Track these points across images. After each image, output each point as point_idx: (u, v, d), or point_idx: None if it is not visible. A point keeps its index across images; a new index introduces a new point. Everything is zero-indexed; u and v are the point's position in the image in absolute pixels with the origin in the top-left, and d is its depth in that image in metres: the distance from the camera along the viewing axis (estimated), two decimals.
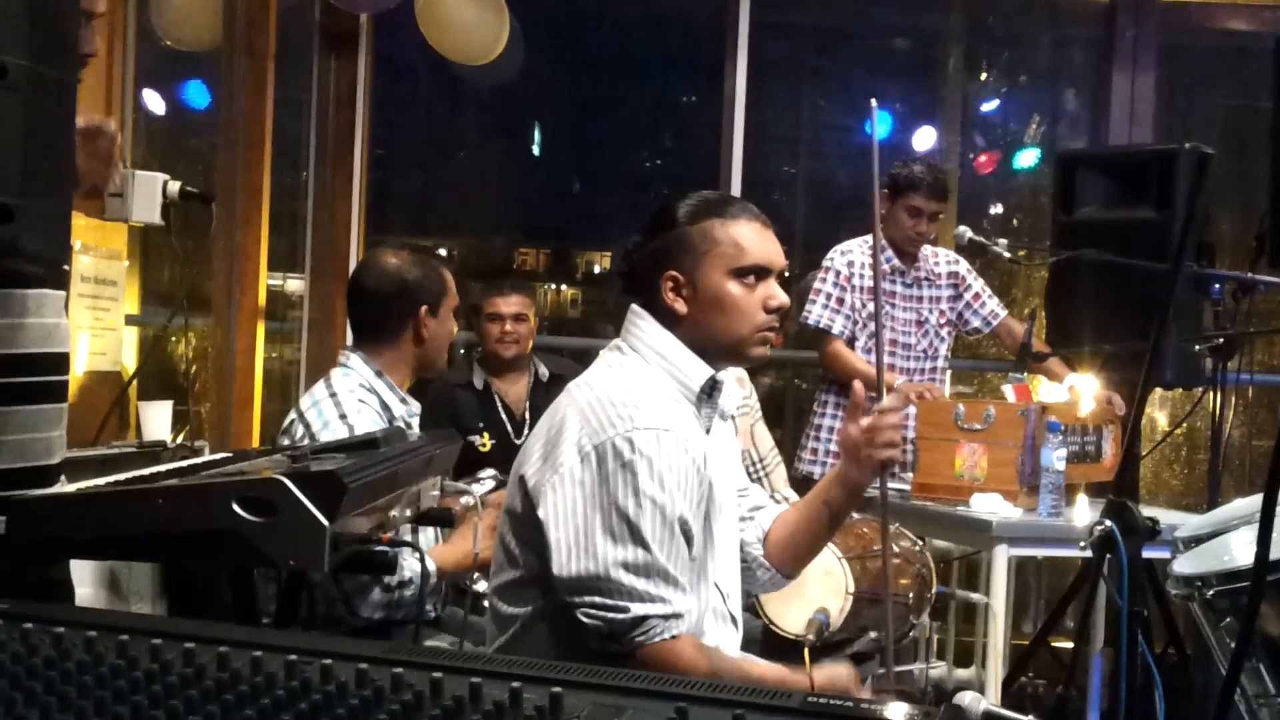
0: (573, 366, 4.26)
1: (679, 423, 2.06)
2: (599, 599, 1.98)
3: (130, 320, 4.45)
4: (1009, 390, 4.12)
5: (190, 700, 1.01)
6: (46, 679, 1.04)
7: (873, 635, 3.32)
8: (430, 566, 2.70)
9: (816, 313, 4.51)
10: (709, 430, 2.19)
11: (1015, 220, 6.44)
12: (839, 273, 4.52)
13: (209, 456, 2.34)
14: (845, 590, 3.24)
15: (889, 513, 3.73)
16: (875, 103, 2.34)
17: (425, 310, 2.92)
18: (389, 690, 1.04)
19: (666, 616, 1.99)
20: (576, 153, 6.86)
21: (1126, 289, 4.11)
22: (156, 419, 3.91)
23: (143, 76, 4.78)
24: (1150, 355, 2.41)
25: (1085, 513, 3.80)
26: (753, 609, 3.20)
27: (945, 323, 4.65)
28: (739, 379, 3.74)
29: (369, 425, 2.75)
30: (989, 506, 3.70)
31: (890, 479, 2.29)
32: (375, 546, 1.85)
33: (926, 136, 5.96)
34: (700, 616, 2.12)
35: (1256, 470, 5.57)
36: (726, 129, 5.57)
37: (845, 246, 4.59)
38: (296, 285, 5.55)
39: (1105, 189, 4.53)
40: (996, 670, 3.74)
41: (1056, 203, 4.67)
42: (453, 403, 4.37)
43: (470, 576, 2.75)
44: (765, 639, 3.22)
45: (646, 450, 1.99)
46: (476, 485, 2.58)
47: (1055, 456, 3.61)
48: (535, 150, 6.86)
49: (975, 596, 4.24)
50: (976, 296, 4.67)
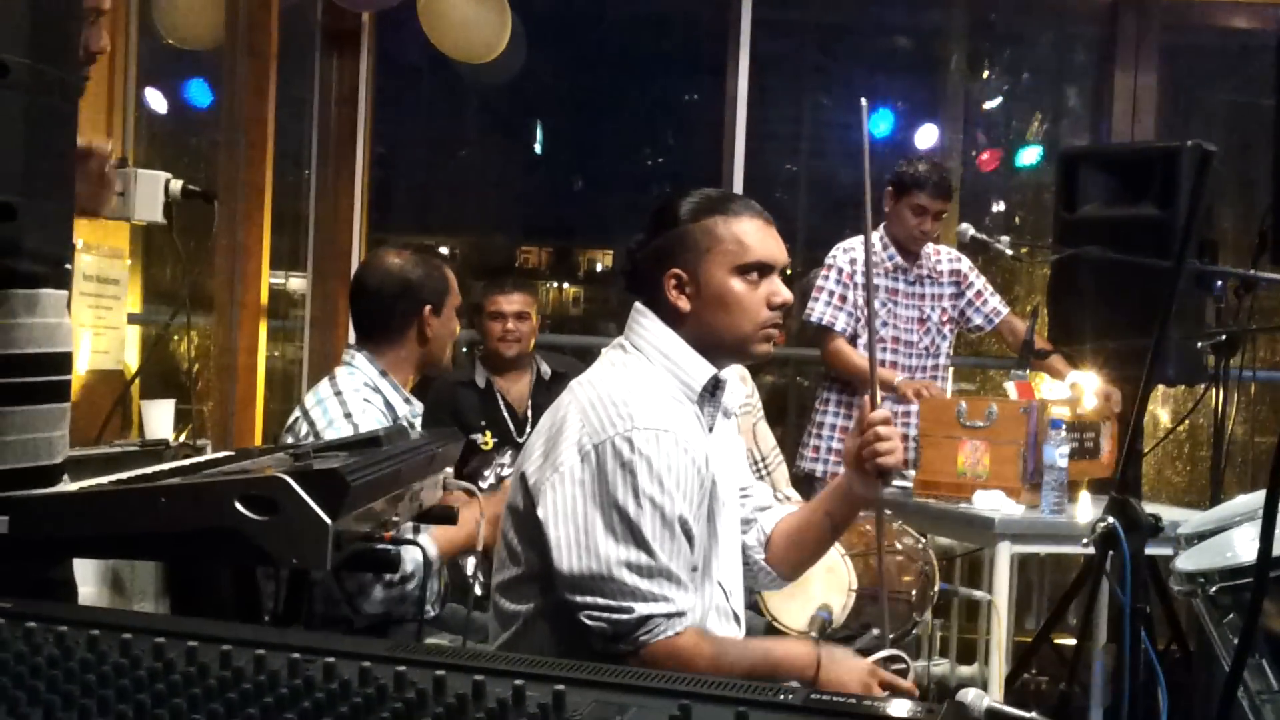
0: (575, 365, 4.26)
1: (679, 423, 2.06)
2: (602, 600, 1.98)
3: (132, 319, 4.45)
4: (1011, 387, 4.12)
5: (193, 698, 1.02)
6: (50, 678, 1.04)
7: (875, 632, 3.31)
8: (432, 552, 2.70)
9: (819, 310, 4.51)
10: (712, 429, 2.19)
11: (1017, 218, 6.43)
12: (842, 270, 4.52)
13: (211, 455, 2.34)
14: (848, 587, 3.24)
15: (893, 510, 3.75)
16: (865, 102, 2.34)
17: (429, 309, 2.92)
18: (392, 688, 1.04)
19: (670, 615, 1.99)
20: (578, 151, 6.85)
21: (1129, 286, 4.10)
22: (159, 418, 3.91)
23: (145, 75, 4.78)
24: (1152, 352, 2.41)
25: (1088, 510, 3.80)
26: (756, 606, 3.20)
27: (947, 320, 4.65)
28: (741, 377, 3.74)
29: (373, 424, 2.75)
30: (991, 504, 3.69)
31: (894, 477, 2.29)
32: (377, 545, 1.85)
33: (929, 134, 5.97)
34: (704, 614, 2.12)
35: (1259, 467, 5.56)
36: (728, 127, 5.57)
37: (848, 244, 4.59)
38: (299, 284, 5.55)
39: (1107, 186, 4.52)
40: (999, 667, 3.74)
41: (1059, 200, 4.66)
42: (455, 401, 4.37)
43: (474, 576, 2.75)
44: (768, 635, 3.22)
45: (646, 450, 1.99)
46: (504, 456, 2.59)
47: (1058, 454, 3.60)
48: (537, 148, 6.86)
49: (978, 594, 4.24)
50: (979, 294, 4.67)
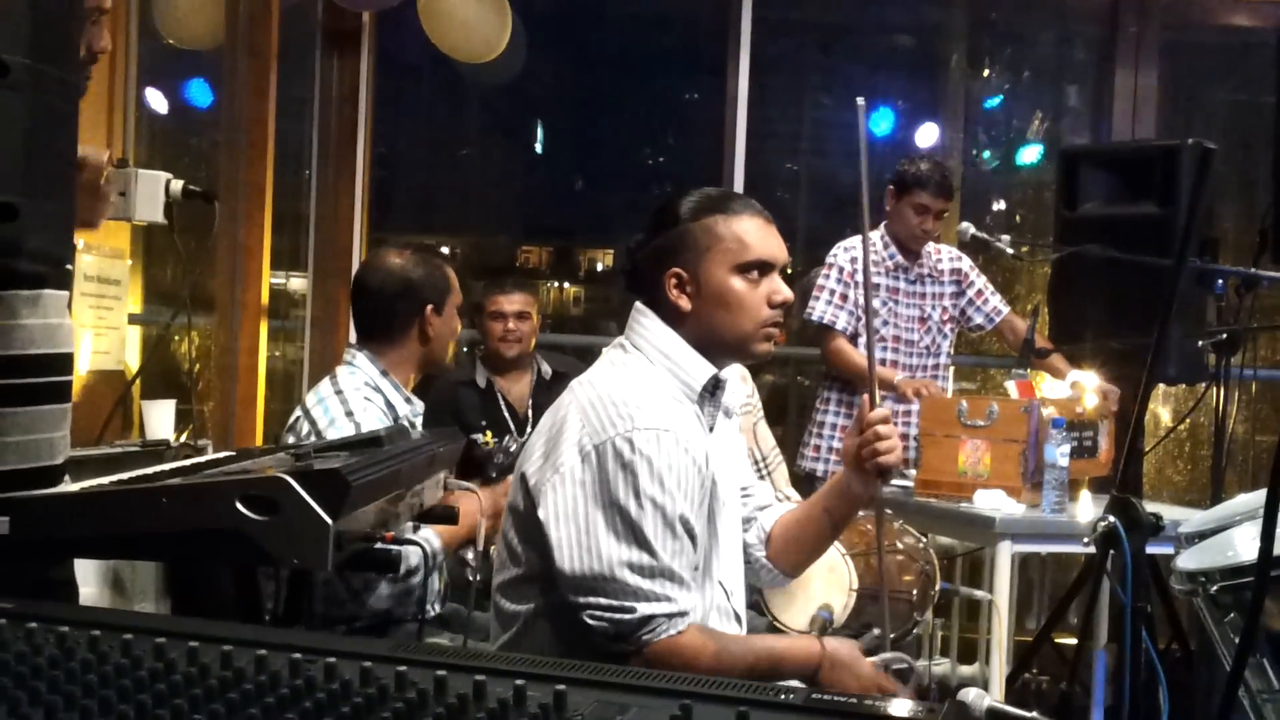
0: (575, 364, 4.26)
1: (679, 422, 2.06)
2: (604, 600, 1.98)
3: (133, 319, 4.45)
4: (1012, 386, 4.12)
5: (194, 699, 1.02)
6: (51, 678, 1.04)
7: (876, 632, 3.31)
8: (435, 545, 2.70)
9: (820, 309, 4.51)
10: (713, 428, 2.19)
11: (1018, 216, 6.44)
12: (842, 269, 4.52)
13: (212, 455, 2.35)
14: (849, 587, 3.24)
15: (893, 510, 3.75)
16: (862, 102, 2.33)
17: (430, 309, 2.91)
18: (393, 688, 1.04)
19: (672, 615, 1.99)
20: (579, 150, 6.85)
21: (1129, 285, 4.10)
22: (160, 418, 3.90)
23: (145, 75, 4.78)
24: (1153, 351, 2.41)
25: (1088, 509, 3.80)
26: (757, 606, 3.20)
27: (948, 319, 4.65)
28: (742, 377, 3.74)
29: (374, 422, 2.75)
30: (992, 503, 3.70)
31: (893, 475, 2.29)
32: (378, 545, 1.85)
33: (929, 133, 5.96)
34: (705, 614, 2.12)
35: (1260, 466, 5.56)
36: (729, 126, 5.57)
37: (848, 243, 4.59)
38: (299, 284, 5.55)
39: (1108, 185, 4.52)
40: (1000, 666, 3.74)
41: (1059, 199, 4.66)
42: (456, 401, 4.37)
43: (474, 571, 2.75)
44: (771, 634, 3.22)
45: (646, 450, 1.99)
46: (513, 446, 2.60)
47: (1059, 453, 3.60)
48: (538, 148, 6.86)
49: (979, 593, 4.24)
50: (979, 293, 4.67)
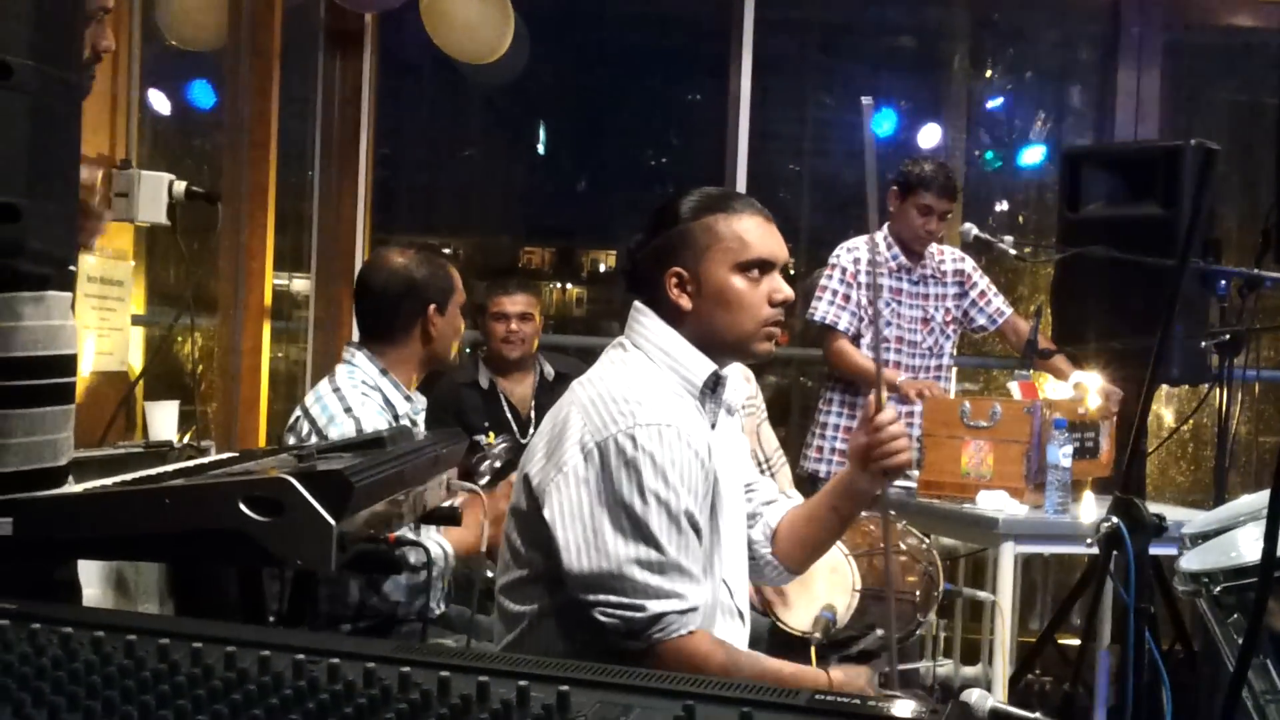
0: (578, 365, 4.26)
1: (682, 417, 2.06)
2: (615, 597, 1.98)
3: (136, 320, 4.45)
4: (1015, 387, 4.12)
5: (198, 700, 1.02)
6: (54, 679, 1.04)
7: (879, 632, 3.32)
8: (448, 548, 2.71)
9: (822, 309, 4.51)
10: (714, 425, 2.19)
11: (1021, 217, 6.43)
12: (845, 270, 4.52)
13: (215, 456, 2.35)
14: (852, 587, 3.24)
15: (896, 510, 3.75)
16: (868, 101, 2.33)
17: (433, 309, 2.91)
18: (396, 689, 1.04)
19: (683, 612, 1.99)
20: (581, 151, 6.85)
21: (1132, 286, 4.10)
22: (163, 419, 3.91)
23: (148, 76, 4.78)
24: (1156, 352, 2.41)
25: (1091, 510, 3.80)
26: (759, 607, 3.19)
27: (951, 320, 4.65)
28: (745, 377, 3.74)
29: (373, 416, 2.75)
30: (995, 504, 3.69)
31: (892, 481, 2.29)
32: (381, 545, 1.85)
33: (931, 134, 5.96)
34: (709, 611, 2.12)
35: (1263, 466, 5.56)
36: (731, 127, 5.57)
37: (851, 244, 4.59)
38: (302, 285, 5.56)
39: (1111, 186, 4.51)
40: (1003, 667, 3.74)
41: (1062, 199, 4.66)
42: (458, 402, 4.37)
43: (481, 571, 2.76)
44: (772, 636, 3.22)
45: (649, 446, 1.99)
46: (497, 447, 2.59)
47: (1061, 454, 3.60)
48: (540, 149, 6.86)
49: (982, 594, 4.24)
50: (982, 294, 4.67)
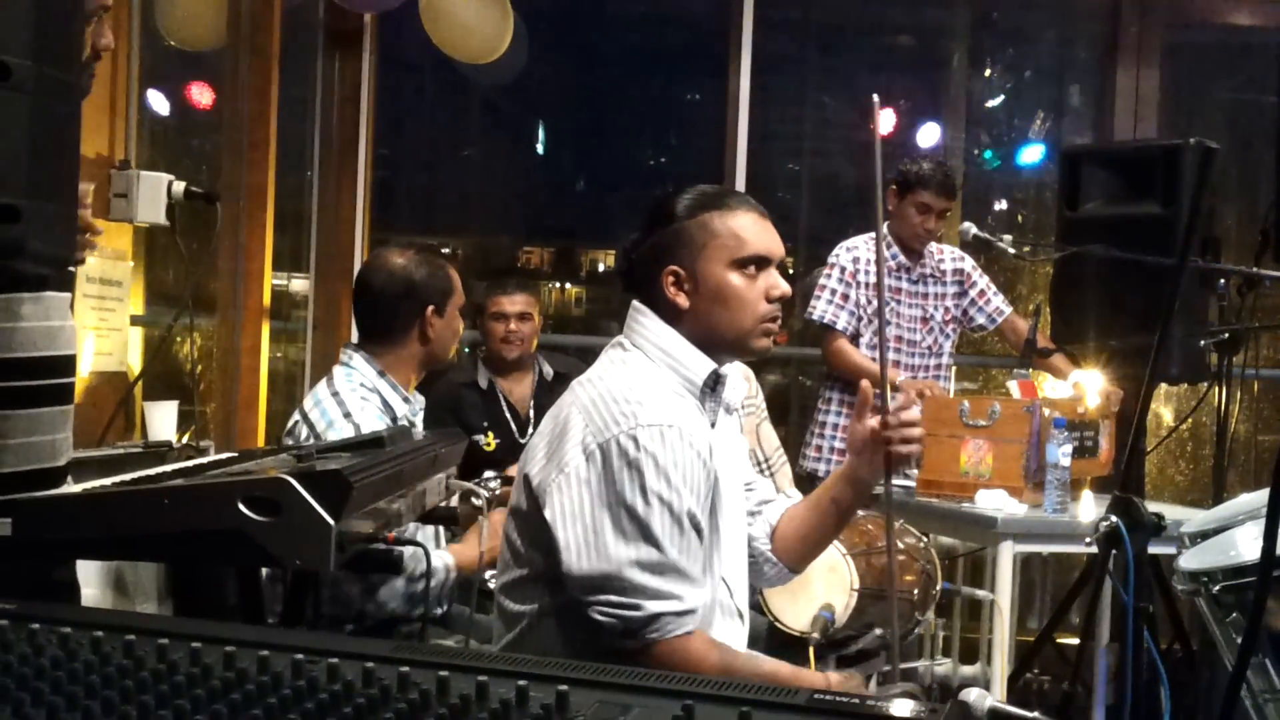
0: (577, 365, 4.26)
1: (683, 417, 2.06)
2: (613, 597, 1.98)
3: (135, 321, 4.44)
4: (1014, 386, 4.12)
5: (197, 700, 1.02)
6: (54, 679, 1.04)
7: (878, 632, 3.32)
8: (450, 561, 2.71)
9: (821, 308, 4.52)
10: (714, 424, 2.19)
11: (1020, 216, 6.43)
12: (844, 269, 4.53)
13: (214, 456, 2.35)
14: (850, 587, 3.24)
15: (894, 509, 3.75)
16: (876, 99, 2.33)
17: (431, 310, 2.90)
18: (395, 689, 1.05)
19: (680, 613, 1.99)
20: (581, 151, 6.85)
21: (1131, 284, 4.10)
22: (162, 419, 3.91)
23: (147, 76, 4.77)
24: (1155, 350, 2.41)
25: (1090, 509, 3.80)
26: (757, 606, 3.19)
27: (950, 319, 4.66)
28: (745, 377, 3.74)
29: (373, 420, 2.75)
30: (994, 503, 3.69)
31: (895, 475, 2.29)
32: (380, 545, 1.85)
33: (930, 133, 5.96)
34: (708, 611, 2.12)
35: (1262, 465, 5.55)
36: (731, 126, 5.57)
37: (850, 243, 4.59)
38: (301, 285, 5.55)
39: (1110, 184, 4.51)
40: (1002, 666, 3.74)
41: (1061, 198, 4.66)
42: (458, 402, 4.37)
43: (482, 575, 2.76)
44: (770, 636, 3.22)
45: (651, 447, 1.99)
46: (483, 488, 2.58)
47: (1060, 453, 3.60)
48: (539, 148, 6.86)
49: (980, 593, 4.24)
50: (981, 293, 4.67)
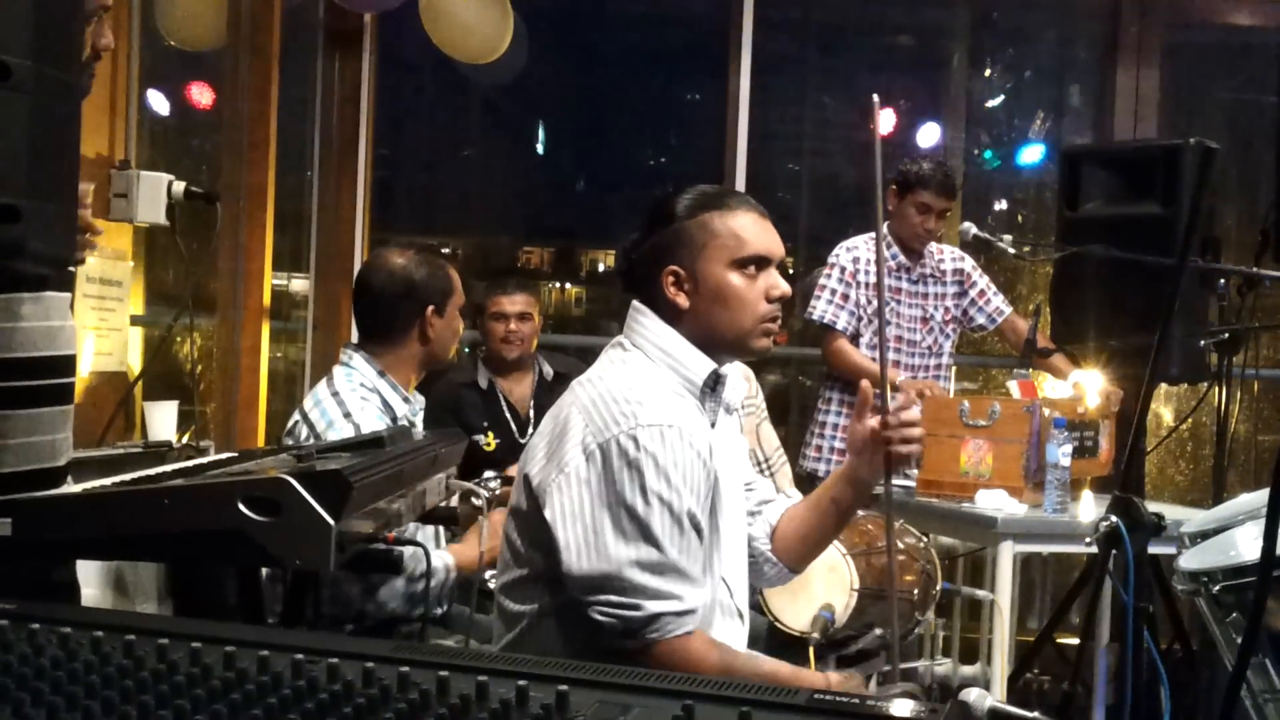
0: (577, 365, 4.26)
1: (683, 417, 2.06)
2: (613, 597, 1.98)
3: (135, 321, 4.44)
4: (1014, 386, 4.12)
5: (197, 700, 1.02)
6: (53, 679, 1.04)
7: (878, 632, 3.32)
8: (450, 561, 2.71)
9: (821, 308, 4.52)
10: (714, 424, 2.19)
11: (1020, 216, 6.43)
12: (844, 269, 4.53)
13: (214, 456, 2.35)
14: (850, 587, 3.24)
15: (894, 509, 3.75)
16: (877, 99, 2.33)
17: (431, 310, 2.90)
18: (395, 689, 1.05)
19: (680, 613, 1.99)
20: (581, 151, 6.85)
21: (1132, 284, 4.10)
22: (162, 419, 3.91)
23: (147, 76, 4.78)
24: (1155, 350, 2.41)
25: (1090, 509, 3.80)
26: (757, 606, 3.19)
27: (950, 319, 4.66)
28: (745, 377, 3.74)
29: (373, 421, 2.75)
30: (994, 503, 3.69)
31: (895, 475, 2.29)
32: (380, 545, 1.85)
33: (930, 133, 5.96)
34: (708, 611, 2.12)
35: (1262, 465, 5.55)
36: (731, 126, 5.57)
37: (850, 243, 4.59)
38: (301, 285, 5.55)
39: (1110, 185, 4.51)
40: (1002, 666, 3.74)
41: (1061, 198, 4.66)
42: (458, 402, 4.37)
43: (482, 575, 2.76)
44: (770, 636, 3.22)
45: (651, 447, 1.99)
46: (483, 488, 2.58)
47: (1060, 453, 3.60)
48: (539, 148, 6.86)
49: (980, 593, 4.24)
50: (981, 293, 4.67)
